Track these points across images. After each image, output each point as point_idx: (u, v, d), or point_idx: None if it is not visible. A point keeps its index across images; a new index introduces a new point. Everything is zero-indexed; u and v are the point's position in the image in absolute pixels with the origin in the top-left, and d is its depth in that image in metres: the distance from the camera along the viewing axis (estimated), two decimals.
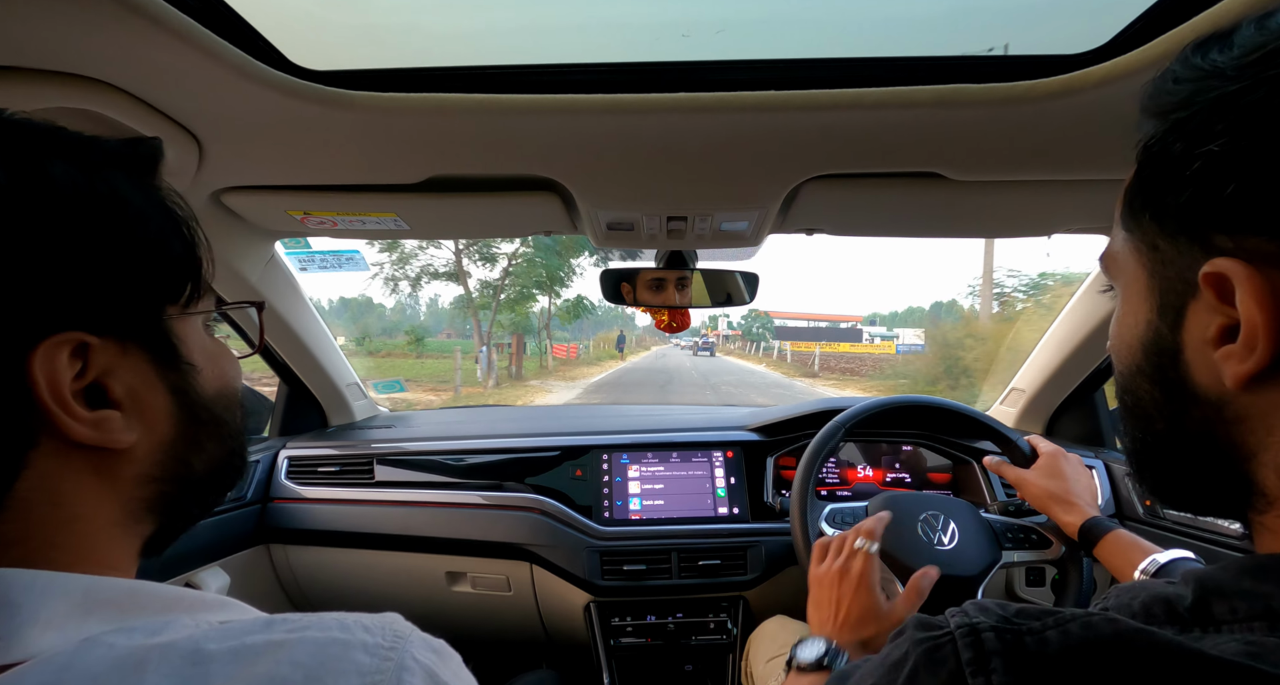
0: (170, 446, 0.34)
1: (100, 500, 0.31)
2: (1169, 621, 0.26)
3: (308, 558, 1.25)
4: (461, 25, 0.62)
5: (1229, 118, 0.25)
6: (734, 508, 1.20)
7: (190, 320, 0.36)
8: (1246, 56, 0.25)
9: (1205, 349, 0.27)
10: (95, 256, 0.30)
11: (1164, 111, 0.28)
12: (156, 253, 0.33)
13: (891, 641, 0.30)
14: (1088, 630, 0.24)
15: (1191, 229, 0.27)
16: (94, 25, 0.48)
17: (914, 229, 0.92)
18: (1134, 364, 0.32)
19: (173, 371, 0.34)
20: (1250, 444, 0.27)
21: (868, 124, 0.61)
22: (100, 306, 0.30)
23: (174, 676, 0.24)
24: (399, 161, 0.71)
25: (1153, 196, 0.29)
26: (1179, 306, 0.29)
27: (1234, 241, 0.26)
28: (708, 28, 0.57)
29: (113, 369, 0.31)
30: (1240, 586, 0.25)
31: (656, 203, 0.79)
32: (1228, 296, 0.26)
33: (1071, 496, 0.85)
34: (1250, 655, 0.22)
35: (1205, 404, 0.28)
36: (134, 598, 0.29)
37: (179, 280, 0.34)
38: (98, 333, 0.30)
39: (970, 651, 0.25)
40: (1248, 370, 0.25)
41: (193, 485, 0.36)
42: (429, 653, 0.30)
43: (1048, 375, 1.30)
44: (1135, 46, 0.49)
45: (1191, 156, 0.26)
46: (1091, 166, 0.67)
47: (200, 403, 0.35)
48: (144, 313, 0.33)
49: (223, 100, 0.59)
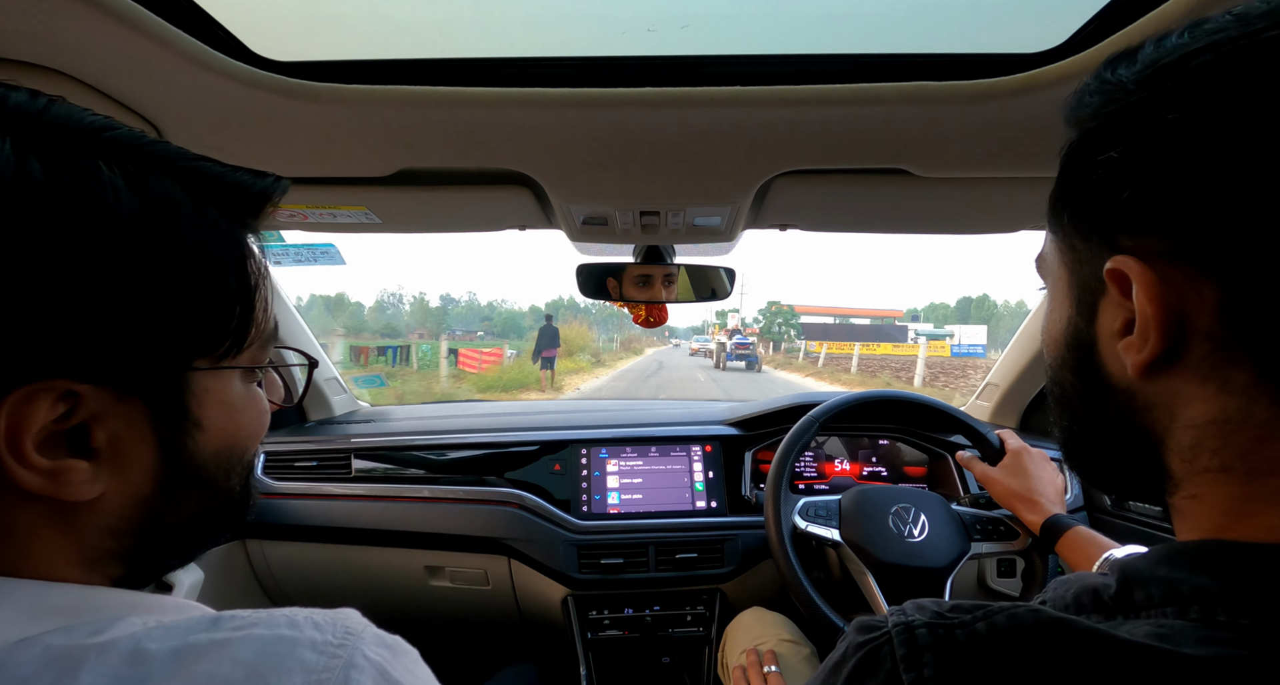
0: (144, 502, 0.31)
1: (57, 543, 0.29)
2: (1095, 610, 0.28)
3: (285, 552, 1.24)
4: (428, 16, 0.61)
5: (1126, 127, 0.27)
6: (712, 501, 1.21)
7: (223, 374, 0.33)
8: (1143, 72, 0.26)
9: (1114, 341, 0.29)
10: (121, 303, 0.27)
11: (1079, 121, 0.30)
12: (199, 305, 0.30)
13: (838, 643, 0.32)
14: (1012, 621, 0.26)
15: (1100, 230, 0.29)
16: (46, 15, 0.47)
17: (884, 225, 0.92)
18: (1059, 357, 0.34)
19: (169, 427, 0.31)
20: (1158, 430, 0.29)
21: (835, 120, 0.61)
22: (108, 355, 0.27)
23: (110, 676, 0.24)
24: (368, 154, 0.71)
25: (1069, 200, 0.31)
26: (1092, 302, 0.30)
27: (1133, 240, 0.27)
28: (673, 22, 0.57)
29: (102, 415, 0.28)
30: (1155, 573, 0.26)
31: (629, 197, 0.79)
32: (1128, 291, 0.27)
33: (1035, 495, 0.87)
34: (1158, 637, 0.23)
35: (1118, 393, 0.30)
36: (86, 603, 0.28)
37: (220, 334, 0.31)
38: (96, 381, 0.27)
39: (904, 648, 0.27)
40: (1143, 359, 0.27)
41: (166, 540, 0.33)
42: (381, 649, 0.29)
43: (1020, 370, 1.32)
44: (1089, 46, 0.50)
45: (1096, 163, 0.28)
46: (1051, 164, 0.67)
47: (190, 462, 0.32)
48: (163, 365, 0.30)
49: (182, 91, 0.58)
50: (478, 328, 69.78)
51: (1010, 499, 0.90)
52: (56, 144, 0.26)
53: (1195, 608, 0.24)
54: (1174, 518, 0.30)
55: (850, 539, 0.93)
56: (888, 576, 0.89)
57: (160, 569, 0.34)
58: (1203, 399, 0.26)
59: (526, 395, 12.45)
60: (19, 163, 0.25)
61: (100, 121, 0.29)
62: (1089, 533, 0.78)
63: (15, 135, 0.26)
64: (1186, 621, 0.24)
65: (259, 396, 0.37)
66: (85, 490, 0.28)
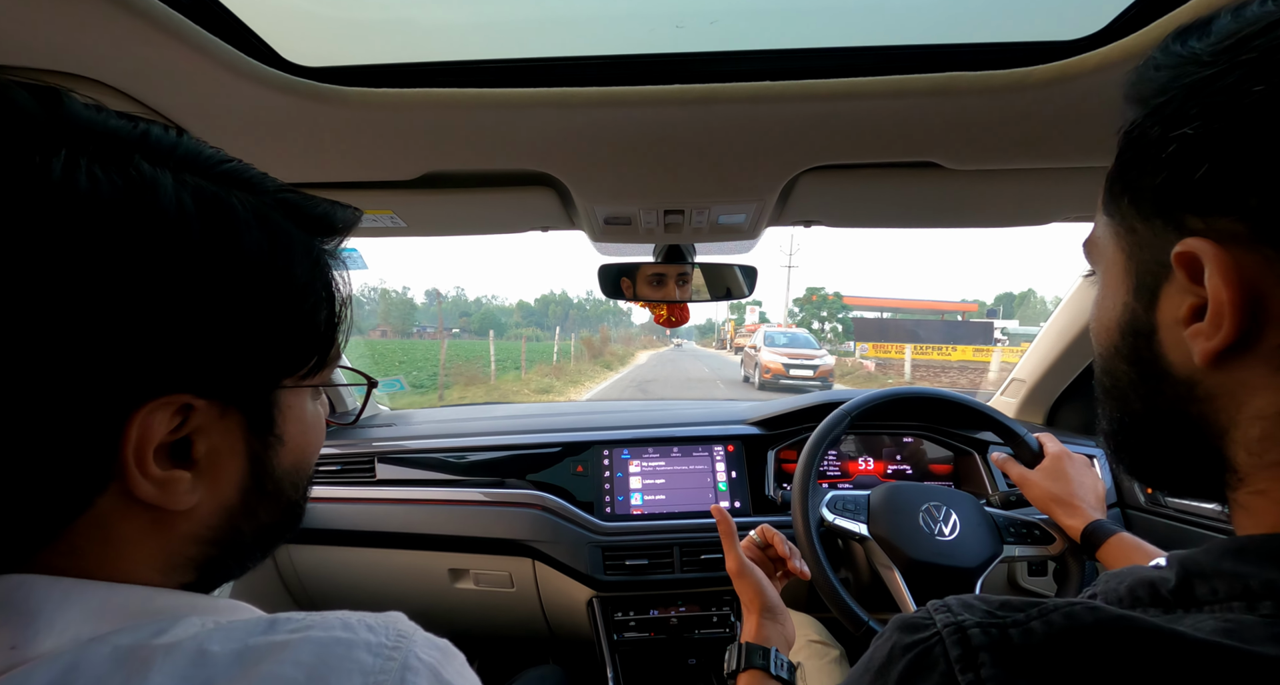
0: (228, 511, 0.33)
1: (149, 550, 0.30)
2: (1153, 604, 0.27)
3: (311, 557, 1.25)
4: (454, 19, 0.62)
5: (1203, 102, 0.25)
6: (735, 501, 1.20)
7: (300, 391, 0.35)
8: (1221, 42, 0.25)
9: (1177, 328, 0.28)
10: (243, 329, 0.30)
11: (1144, 98, 0.29)
12: (299, 329, 0.33)
13: (874, 643, 0.31)
14: (1070, 619, 0.25)
15: (1166, 211, 0.28)
16: (84, 23, 0.48)
17: (912, 219, 0.91)
18: (1111, 345, 0.33)
19: (259, 441, 0.33)
20: (1221, 421, 0.28)
21: (863, 114, 0.61)
22: (222, 373, 0.30)
23: (177, 676, 0.24)
24: (394, 157, 0.71)
25: (1131, 180, 0.30)
26: (1154, 287, 0.29)
27: (1205, 222, 0.26)
28: (701, 18, 0.57)
29: (205, 429, 0.30)
30: (1220, 567, 0.26)
31: (653, 196, 0.79)
32: (1197, 276, 0.26)
33: (1075, 500, 0.85)
34: (1226, 633, 0.23)
35: (1178, 383, 0.29)
36: (149, 605, 0.29)
37: (309, 356, 0.34)
38: (206, 395, 0.29)
39: (958, 649, 0.26)
40: (1214, 347, 0.26)
41: (239, 549, 0.35)
42: (433, 651, 0.30)
43: (1048, 365, 1.30)
44: (1130, 32, 0.49)
45: (1167, 140, 0.27)
46: (1088, 154, 0.66)
47: (271, 475, 0.34)
48: (261, 382, 0.32)
49: (215, 98, 0.58)
50: (454, 325, 65.89)
51: (1048, 503, 0.88)
52: (200, 177, 0.29)
53: (1267, 603, 0.23)
54: (1235, 513, 0.29)
55: (879, 535, 0.92)
56: (916, 575, 0.88)
57: (224, 576, 0.36)
58: (1274, 389, 0.25)
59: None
60: (178, 198, 0.27)
61: (216, 153, 0.31)
62: (1134, 540, 0.76)
63: (173, 170, 0.28)
64: (1257, 617, 0.23)
65: (322, 413, 0.39)
66: (186, 500, 0.30)
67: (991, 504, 1.01)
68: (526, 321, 77.19)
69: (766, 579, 0.72)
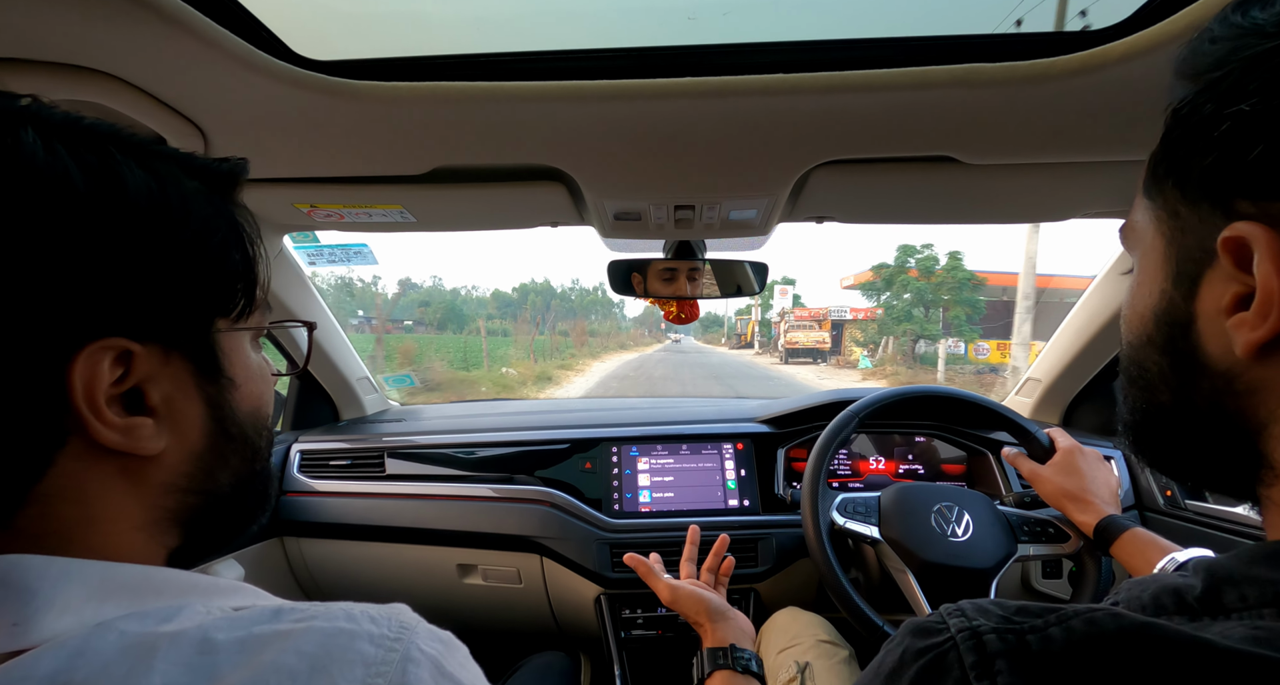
0: (198, 458, 0.34)
1: (125, 503, 0.31)
2: (1178, 612, 0.26)
3: (320, 550, 1.26)
4: (464, 12, 0.62)
5: (1264, 76, 0.24)
6: (744, 500, 1.20)
7: (238, 335, 0.36)
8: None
9: (1219, 318, 0.27)
10: (155, 265, 0.30)
11: (1198, 72, 0.27)
12: (215, 265, 0.33)
13: (885, 647, 0.30)
14: (1091, 626, 0.24)
15: (1214, 194, 0.26)
16: (101, 18, 0.48)
17: (927, 215, 0.90)
18: (1144, 334, 0.31)
19: (211, 384, 0.34)
20: (1261, 416, 0.27)
21: (879, 107, 0.59)
22: (151, 314, 0.30)
23: (182, 665, 0.25)
24: (404, 152, 0.71)
25: (1178, 161, 0.28)
26: (1195, 275, 0.28)
27: (1257, 207, 0.25)
28: (714, 10, 0.56)
29: (153, 376, 0.31)
30: (1251, 573, 0.25)
31: (664, 191, 0.78)
32: (1245, 263, 0.25)
33: (1088, 495, 0.84)
34: (1257, 641, 0.22)
35: (1215, 375, 0.28)
36: (149, 583, 0.29)
37: (233, 294, 0.35)
38: (143, 339, 0.30)
39: (974, 655, 0.25)
40: (1260, 337, 0.25)
41: (219, 501, 0.36)
42: (435, 643, 0.30)
43: (1065, 364, 1.27)
44: (1159, 19, 0.48)
45: (1221, 117, 0.25)
46: (1112, 147, 0.65)
47: (233, 418, 0.35)
48: (194, 323, 0.33)
49: (227, 91, 0.58)
50: (408, 316, 60.55)
51: (1060, 498, 0.86)
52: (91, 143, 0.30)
53: None
54: (1267, 512, 0.28)
55: (890, 537, 0.91)
56: (929, 576, 0.87)
57: (213, 537, 0.37)
58: None
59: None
60: (49, 149, 0.28)
61: (105, 124, 0.32)
62: (1148, 535, 0.74)
63: (37, 129, 0.29)
64: None
65: (266, 366, 0.40)
66: (153, 445, 0.31)
67: (1005, 504, 0.99)
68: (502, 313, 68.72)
69: (699, 588, 0.79)
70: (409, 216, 0.89)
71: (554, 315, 51.65)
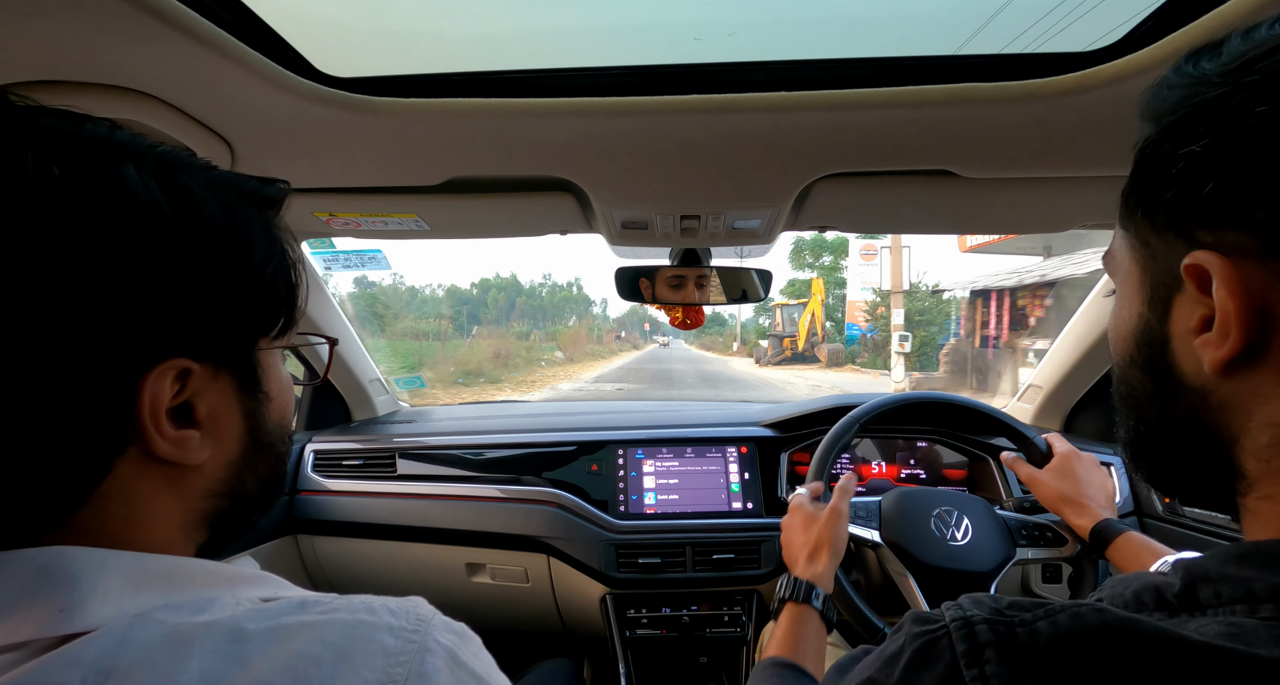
0: (233, 465, 0.36)
1: (168, 507, 0.33)
2: (1158, 608, 0.27)
3: (333, 548, 1.28)
4: (479, 31, 0.64)
5: (1210, 120, 0.26)
6: (748, 503, 1.21)
7: (275, 352, 0.39)
8: (1230, 64, 0.26)
9: (1189, 339, 0.29)
10: (221, 290, 0.33)
11: (1157, 115, 0.29)
12: (268, 290, 0.36)
13: (890, 635, 0.32)
14: (1076, 620, 0.25)
15: (1177, 224, 0.29)
16: (139, 41, 0.50)
17: (927, 225, 0.92)
18: (1128, 354, 0.33)
19: (250, 398, 0.37)
20: (1232, 429, 0.29)
21: (879, 123, 0.62)
22: (210, 336, 0.33)
23: (217, 652, 0.27)
24: (420, 164, 0.73)
25: (1144, 195, 0.31)
26: (1166, 299, 0.30)
27: (1214, 235, 0.27)
28: (720, 30, 0.58)
29: (202, 391, 0.33)
30: (1225, 572, 0.26)
31: (670, 202, 0.81)
32: (1206, 287, 0.27)
33: (1083, 499, 0.85)
34: (1229, 636, 0.23)
35: (1190, 391, 0.30)
36: (180, 572, 0.32)
37: (278, 316, 0.37)
38: (200, 359, 0.32)
39: (964, 644, 0.27)
40: (1223, 356, 0.27)
41: (245, 501, 0.38)
42: (450, 635, 0.32)
43: (1065, 371, 1.28)
44: (1145, 45, 0.50)
45: (1177, 156, 0.28)
46: (1102, 163, 0.67)
47: (264, 428, 0.38)
48: (243, 344, 0.36)
49: (254, 108, 0.61)
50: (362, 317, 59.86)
51: (1057, 502, 0.88)
52: (172, 172, 0.32)
53: (1268, 606, 0.24)
54: (1245, 519, 0.30)
55: (891, 540, 0.92)
56: (929, 579, 0.88)
57: (235, 532, 0.39)
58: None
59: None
60: (144, 183, 0.30)
61: (149, 141, 0.33)
62: (1142, 538, 0.76)
63: (136, 164, 0.31)
64: (1258, 620, 0.24)
65: (290, 377, 0.43)
66: (198, 455, 0.33)
67: (1005, 509, 1.01)
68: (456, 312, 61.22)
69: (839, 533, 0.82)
70: (424, 225, 0.92)
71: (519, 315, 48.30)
